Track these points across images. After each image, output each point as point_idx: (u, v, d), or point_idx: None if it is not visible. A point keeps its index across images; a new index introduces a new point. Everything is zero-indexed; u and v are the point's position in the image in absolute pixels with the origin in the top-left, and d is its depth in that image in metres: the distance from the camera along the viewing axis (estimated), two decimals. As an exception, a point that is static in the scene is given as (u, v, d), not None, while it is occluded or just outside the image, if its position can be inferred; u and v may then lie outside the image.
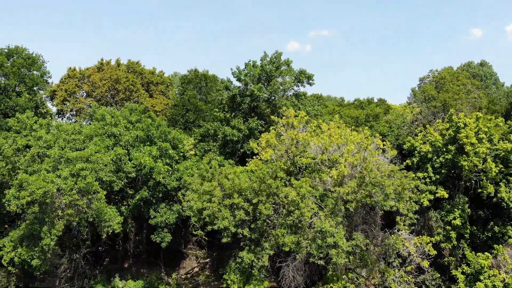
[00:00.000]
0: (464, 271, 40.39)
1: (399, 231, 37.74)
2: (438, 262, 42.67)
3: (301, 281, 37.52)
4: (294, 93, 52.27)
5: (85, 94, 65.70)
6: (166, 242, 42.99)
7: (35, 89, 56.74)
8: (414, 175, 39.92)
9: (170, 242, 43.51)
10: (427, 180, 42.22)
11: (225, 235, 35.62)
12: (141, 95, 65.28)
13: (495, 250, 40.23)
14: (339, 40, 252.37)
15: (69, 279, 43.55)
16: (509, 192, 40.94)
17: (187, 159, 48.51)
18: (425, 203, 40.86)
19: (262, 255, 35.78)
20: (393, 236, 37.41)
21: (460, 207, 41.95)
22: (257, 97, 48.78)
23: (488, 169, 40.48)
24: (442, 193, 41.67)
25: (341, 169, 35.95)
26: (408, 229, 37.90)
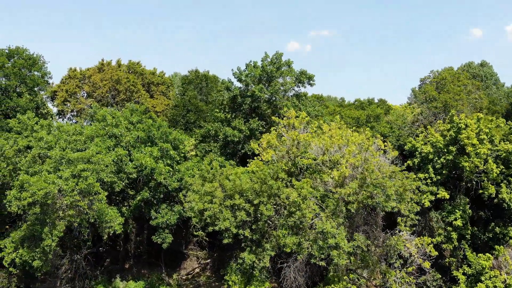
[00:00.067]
0: (465, 272, 40.38)
1: (400, 232, 37.73)
2: (439, 263, 42.66)
3: (302, 282, 37.47)
4: (295, 93, 52.26)
5: (86, 95, 65.61)
6: (167, 243, 42.94)
7: (36, 89, 56.62)
8: (415, 176, 40.02)
9: (171, 242, 43.47)
10: (428, 181, 42.26)
11: (226, 236, 35.55)
12: (141, 96, 65.25)
13: (496, 251, 40.18)
14: (339, 40, 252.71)
15: (70, 279, 43.48)
16: (510, 193, 40.89)
17: (188, 160, 48.49)
18: (426, 204, 40.87)
19: (263, 256, 35.75)
20: (394, 237, 37.41)
21: (461, 208, 41.92)
22: (258, 98, 48.75)
23: (489, 170, 40.47)
24: (443, 194, 41.66)
25: (342, 170, 35.92)
26: (409, 230, 37.87)
